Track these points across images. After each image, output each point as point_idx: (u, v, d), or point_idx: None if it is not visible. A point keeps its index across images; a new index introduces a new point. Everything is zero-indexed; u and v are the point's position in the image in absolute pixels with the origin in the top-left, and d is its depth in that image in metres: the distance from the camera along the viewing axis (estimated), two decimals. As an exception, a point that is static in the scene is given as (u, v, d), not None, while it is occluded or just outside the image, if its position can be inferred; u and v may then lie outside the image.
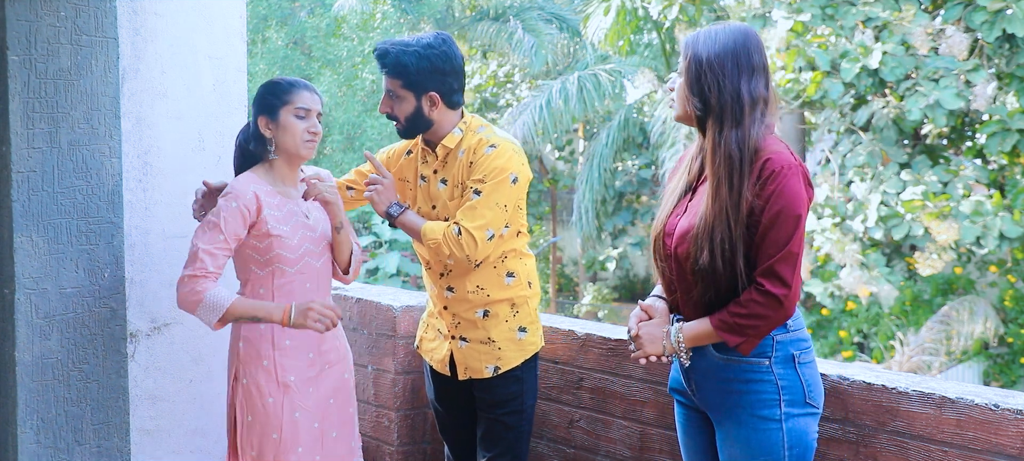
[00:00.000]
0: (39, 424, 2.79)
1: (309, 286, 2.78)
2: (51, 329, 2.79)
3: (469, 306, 2.90)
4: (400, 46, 2.82)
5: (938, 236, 9.80)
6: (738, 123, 2.24)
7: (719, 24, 2.35)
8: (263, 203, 2.70)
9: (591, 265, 18.83)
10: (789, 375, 2.30)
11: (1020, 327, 10.84)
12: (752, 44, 2.29)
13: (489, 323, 2.90)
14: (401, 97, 2.84)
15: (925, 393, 2.37)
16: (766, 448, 2.28)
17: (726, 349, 2.30)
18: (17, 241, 2.71)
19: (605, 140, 15.90)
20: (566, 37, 19.23)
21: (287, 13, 19.35)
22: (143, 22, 3.02)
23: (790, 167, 2.21)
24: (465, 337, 2.93)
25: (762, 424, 2.28)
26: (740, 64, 2.26)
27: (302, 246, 2.76)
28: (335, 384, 2.86)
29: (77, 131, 2.80)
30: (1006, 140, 9.89)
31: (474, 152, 2.83)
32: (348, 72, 18.08)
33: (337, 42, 18.53)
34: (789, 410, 2.29)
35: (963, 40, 10.03)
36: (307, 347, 2.79)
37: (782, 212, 2.19)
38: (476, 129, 2.88)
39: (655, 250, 2.44)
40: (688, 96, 2.31)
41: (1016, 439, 2.23)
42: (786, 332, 2.30)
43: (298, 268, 2.76)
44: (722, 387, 2.33)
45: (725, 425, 2.35)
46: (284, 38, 18.75)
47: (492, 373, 2.90)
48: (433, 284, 2.98)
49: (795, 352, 2.31)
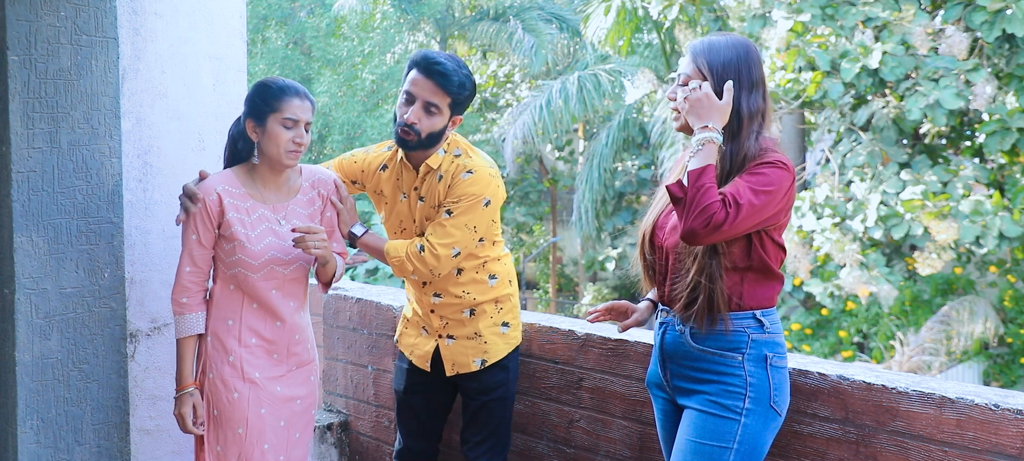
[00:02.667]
0: (39, 424, 2.79)
1: (275, 292, 2.79)
2: (51, 329, 2.79)
3: (456, 308, 3.00)
4: (456, 64, 2.85)
5: (938, 236, 9.80)
6: (734, 136, 2.36)
7: (721, 36, 2.44)
8: (226, 205, 2.71)
9: (591, 265, 18.84)
10: (759, 374, 2.37)
11: (1020, 327, 10.84)
12: (753, 58, 2.40)
13: (476, 320, 3.01)
14: (439, 113, 2.85)
15: (925, 393, 2.38)
16: (716, 435, 2.35)
17: (701, 339, 2.40)
18: (17, 241, 2.71)
19: (605, 140, 15.91)
20: (566, 37, 19.25)
21: (287, 13, 19.36)
22: (143, 22, 3.02)
23: (784, 160, 2.33)
24: (452, 335, 3.03)
25: (721, 411, 2.36)
26: (741, 79, 2.37)
27: (267, 253, 2.74)
28: (302, 386, 2.88)
29: (77, 131, 2.80)
30: (1005, 139, 9.90)
31: (452, 176, 2.88)
32: (348, 72, 18.09)
33: (337, 42, 18.54)
34: (751, 407, 2.36)
35: (963, 40, 10.03)
36: (272, 348, 2.81)
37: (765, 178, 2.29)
38: (454, 152, 2.93)
39: (643, 245, 2.56)
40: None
41: (1016, 439, 2.23)
42: (763, 332, 2.39)
43: (262, 274, 2.76)
44: (695, 376, 2.43)
45: (689, 409, 2.42)
46: (284, 38, 18.76)
47: (479, 366, 3.01)
48: (416, 291, 3.05)
49: (769, 353, 2.39)
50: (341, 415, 3.82)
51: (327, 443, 3.79)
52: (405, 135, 2.85)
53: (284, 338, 2.82)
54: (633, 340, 3.00)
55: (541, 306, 20.20)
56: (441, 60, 2.82)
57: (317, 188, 2.86)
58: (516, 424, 3.31)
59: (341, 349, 3.81)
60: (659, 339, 2.54)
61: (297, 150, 2.70)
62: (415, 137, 2.85)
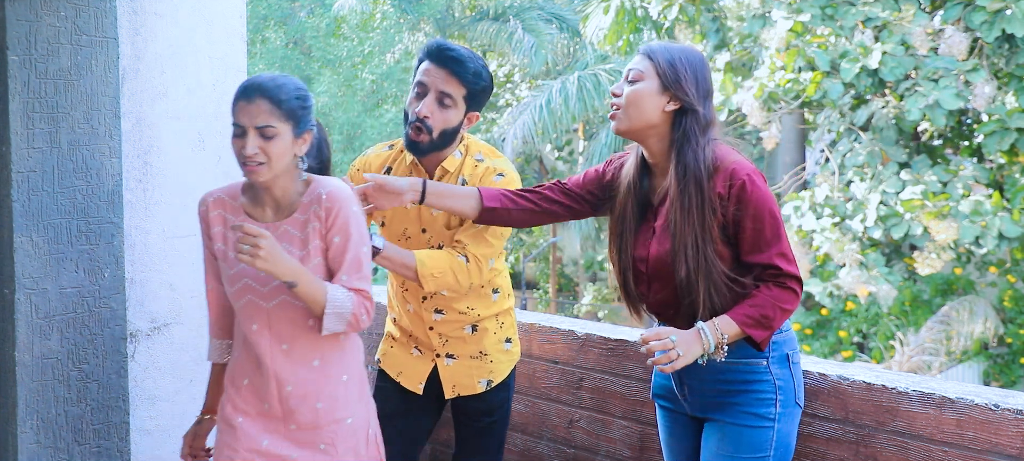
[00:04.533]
0: (39, 424, 2.79)
1: (255, 328, 2.32)
2: (51, 329, 2.79)
3: (458, 325, 2.77)
4: (472, 54, 2.64)
5: (937, 236, 9.81)
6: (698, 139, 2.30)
7: (673, 43, 2.42)
8: (212, 217, 2.37)
9: (591, 265, 18.84)
10: (784, 375, 2.35)
11: (1020, 327, 10.85)
12: (708, 68, 2.38)
13: (479, 338, 2.79)
14: (454, 106, 2.62)
15: (925, 393, 2.38)
16: (753, 446, 2.32)
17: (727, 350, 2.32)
18: (17, 241, 2.71)
19: (605, 140, 15.91)
20: (566, 37, 19.23)
21: (287, 13, 19.36)
22: (143, 22, 3.02)
23: (754, 173, 2.28)
24: (452, 354, 2.79)
25: (756, 421, 2.32)
26: (699, 84, 2.34)
27: (240, 279, 2.32)
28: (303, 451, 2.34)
29: (77, 131, 2.80)
30: (1005, 140, 9.90)
31: (481, 181, 2.67)
32: (348, 72, 18.10)
33: (336, 42, 18.54)
34: (782, 410, 2.34)
35: (963, 40, 10.03)
36: (264, 396, 2.34)
37: (758, 212, 2.26)
38: (474, 156, 2.72)
39: (627, 283, 2.44)
40: (659, 95, 2.33)
41: (1016, 439, 2.23)
42: (781, 332, 2.36)
43: (241, 304, 2.33)
44: (720, 388, 2.36)
45: (718, 422, 2.37)
46: (283, 38, 18.76)
47: (485, 387, 2.80)
48: (415, 306, 2.77)
49: (789, 352, 2.37)
50: (341, 415, 3.82)
51: (327, 443, 3.79)
52: (416, 135, 2.61)
53: (268, 388, 2.32)
54: (633, 340, 3.00)
55: (541, 306, 20.20)
56: (455, 47, 2.60)
57: (312, 206, 2.29)
58: (516, 424, 3.30)
59: (341, 349, 3.81)
60: None
61: (250, 164, 2.21)
62: (427, 137, 2.61)
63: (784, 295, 2.26)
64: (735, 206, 2.26)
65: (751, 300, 2.26)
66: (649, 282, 2.40)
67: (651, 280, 2.39)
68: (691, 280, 2.28)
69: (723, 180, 2.26)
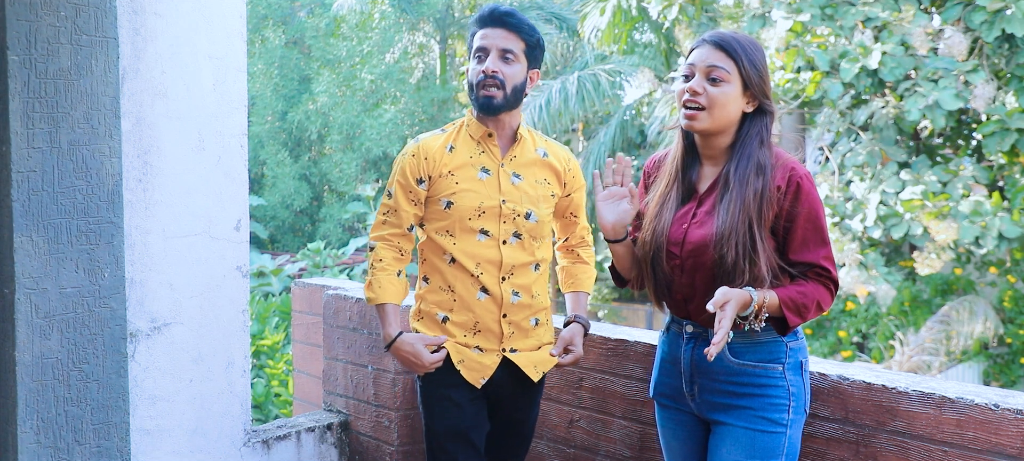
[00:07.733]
0: (39, 424, 2.79)
1: None
2: (51, 329, 2.79)
3: (526, 313, 2.75)
4: (517, 11, 2.67)
5: (937, 236, 9.80)
6: (767, 137, 2.35)
7: (741, 35, 2.40)
8: None
9: (590, 265, 18.80)
10: (797, 382, 2.36)
11: (1020, 327, 10.85)
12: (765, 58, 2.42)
13: (540, 331, 2.81)
14: (517, 60, 2.64)
15: (925, 393, 2.38)
16: (766, 452, 2.31)
17: (741, 352, 2.33)
18: (17, 241, 2.71)
19: (604, 140, 15.91)
20: (565, 37, 19.24)
21: (286, 13, 19.36)
22: (143, 22, 3.02)
23: (808, 174, 2.33)
24: (515, 348, 2.76)
25: (770, 427, 2.32)
26: (767, 82, 2.36)
27: None
28: None
29: (77, 131, 2.80)
30: (1005, 140, 9.89)
31: (568, 160, 2.81)
32: (347, 72, 18.10)
33: (336, 42, 18.54)
34: (793, 416, 2.35)
35: (962, 40, 10.03)
36: None
37: (812, 211, 2.30)
38: (535, 132, 2.82)
39: (656, 266, 2.43)
40: (741, 97, 2.34)
41: (1016, 439, 2.23)
42: (796, 339, 2.37)
43: None
44: (733, 390, 2.36)
45: (728, 425, 2.36)
46: (283, 38, 18.76)
47: (537, 378, 2.82)
48: (488, 292, 2.69)
49: (802, 359, 2.38)
50: (341, 415, 3.82)
51: (327, 443, 3.79)
52: (489, 90, 2.59)
53: None
54: (633, 340, 3.00)
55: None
56: (505, 7, 2.64)
57: None
58: (516, 424, 3.31)
59: (341, 349, 3.81)
60: (687, 354, 2.43)
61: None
62: (501, 91, 2.60)
63: (825, 295, 2.31)
64: (791, 202, 2.29)
65: (798, 286, 2.30)
66: (681, 267, 2.38)
67: (683, 265, 2.38)
68: (739, 265, 2.26)
69: (782, 174, 2.30)
